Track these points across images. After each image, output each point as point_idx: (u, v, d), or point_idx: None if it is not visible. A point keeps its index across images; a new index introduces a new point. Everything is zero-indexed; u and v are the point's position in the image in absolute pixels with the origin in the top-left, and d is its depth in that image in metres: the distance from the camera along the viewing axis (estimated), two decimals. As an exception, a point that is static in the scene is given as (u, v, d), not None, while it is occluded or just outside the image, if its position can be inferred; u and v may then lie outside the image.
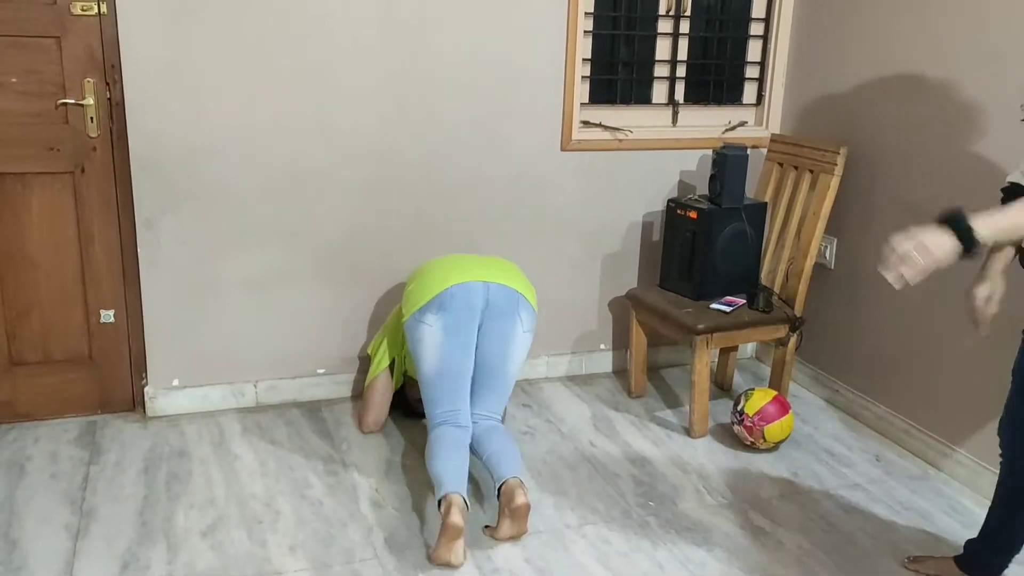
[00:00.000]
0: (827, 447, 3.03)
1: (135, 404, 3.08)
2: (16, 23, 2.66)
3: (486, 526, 2.45)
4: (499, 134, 3.20)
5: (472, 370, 2.67)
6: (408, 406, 3.10)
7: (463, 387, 2.63)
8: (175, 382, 3.07)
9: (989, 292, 2.12)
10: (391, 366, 3.01)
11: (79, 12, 2.71)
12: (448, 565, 2.27)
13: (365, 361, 3.18)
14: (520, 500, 2.35)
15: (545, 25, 3.14)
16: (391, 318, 3.04)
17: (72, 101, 2.77)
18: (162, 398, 3.06)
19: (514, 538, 2.41)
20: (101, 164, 2.85)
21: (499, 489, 2.39)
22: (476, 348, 2.66)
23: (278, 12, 2.84)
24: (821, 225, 3.11)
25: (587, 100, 3.34)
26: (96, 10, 2.72)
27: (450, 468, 2.39)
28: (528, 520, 2.40)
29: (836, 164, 3.05)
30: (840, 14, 3.21)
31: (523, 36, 3.13)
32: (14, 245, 2.83)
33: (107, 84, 2.78)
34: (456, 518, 2.23)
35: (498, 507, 2.40)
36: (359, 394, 3.18)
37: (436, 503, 2.32)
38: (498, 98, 3.16)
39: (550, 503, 2.61)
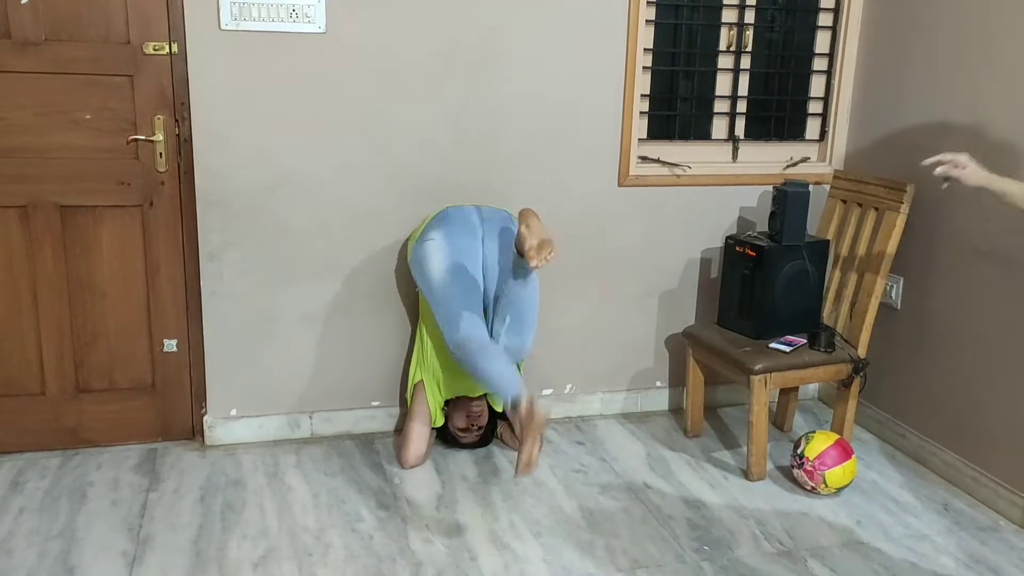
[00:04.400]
0: (892, 494, 2.92)
1: (194, 432, 3.14)
2: (92, 62, 2.77)
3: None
4: (557, 170, 3.20)
5: (483, 289, 2.83)
6: (450, 437, 3.09)
7: (477, 298, 2.78)
8: (233, 412, 3.12)
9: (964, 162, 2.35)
10: (426, 391, 3.02)
11: (151, 51, 2.81)
12: (532, 457, 2.35)
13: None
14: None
15: (603, 61, 3.14)
16: (417, 341, 3.08)
17: (143, 137, 2.87)
18: (220, 427, 3.11)
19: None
20: (168, 198, 2.93)
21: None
22: (486, 271, 2.85)
23: (340, 52, 2.91)
24: (887, 264, 3.02)
25: (645, 136, 3.32)
26: (168, 50, 2.81)
27: (504, 372, 2.55)
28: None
29: (903, 202, 2.97)
30: (906, 49, 3.15)
31: (581, 73, 3.13)
32: (84, 275, 2.93)
33: (176, 121, 2.87)
34: (540, 412, 2.37)
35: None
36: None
37: (506, 405, 2.49)
38: (556, 134, 3.17)
39: (601, 544, 2.56)
